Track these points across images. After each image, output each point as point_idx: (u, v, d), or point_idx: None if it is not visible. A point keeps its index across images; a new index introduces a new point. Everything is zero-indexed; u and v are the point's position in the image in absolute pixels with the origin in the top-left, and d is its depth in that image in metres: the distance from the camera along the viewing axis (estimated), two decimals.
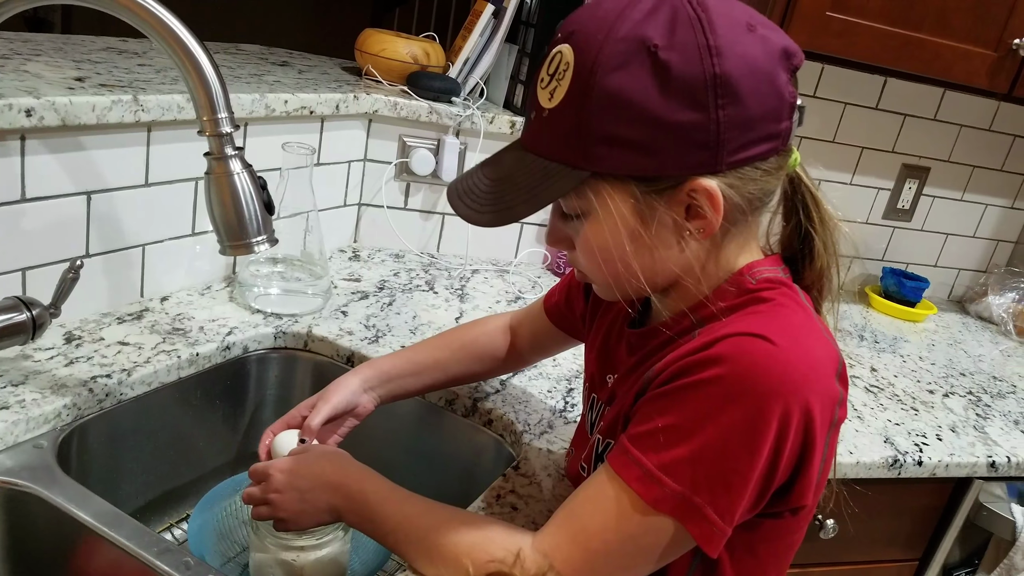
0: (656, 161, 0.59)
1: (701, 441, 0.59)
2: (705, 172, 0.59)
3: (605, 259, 0.65)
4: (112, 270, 1.07)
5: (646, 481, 0.60)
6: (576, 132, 0.60)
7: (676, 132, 0.58)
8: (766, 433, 0.58)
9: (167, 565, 0.73)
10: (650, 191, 0.61)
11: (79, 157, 0.97)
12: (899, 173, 1.83)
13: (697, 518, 0.60)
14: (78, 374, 0.92)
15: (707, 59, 0.57)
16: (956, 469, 1.20)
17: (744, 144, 0.59)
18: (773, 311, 0.64)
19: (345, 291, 1.29)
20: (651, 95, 0.57)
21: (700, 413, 0.59)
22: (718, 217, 0.61)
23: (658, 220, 0.62)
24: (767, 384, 0.58)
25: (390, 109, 1.40)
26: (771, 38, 0.60)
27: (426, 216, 1.52)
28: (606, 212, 0.62)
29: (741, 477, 0.59)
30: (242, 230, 0.78)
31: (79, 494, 0.79)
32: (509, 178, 0.64)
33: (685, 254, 0.64)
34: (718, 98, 0.57)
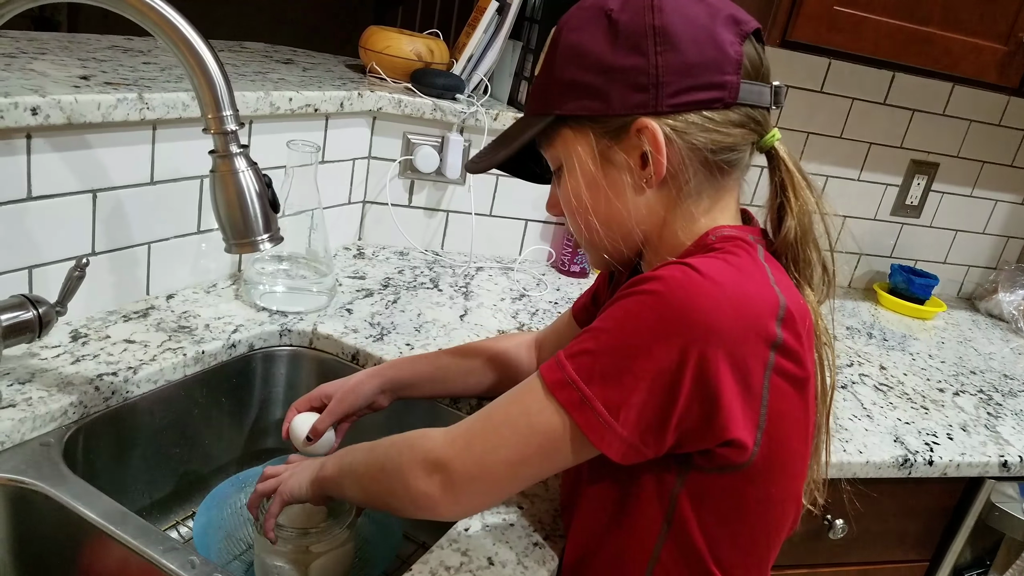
0: (605, 103, 0.68)
1: (606, 338, 0.63)
2: (647, 112, 0.67)
3: (574, 209, 0.73)
4: (118, 268, 1.07)
5: (553, 368, 0.65)
6: (547, 84, 0.71)
7: (621, 75, 0.67)
8: (665, 339, 0.60)
9: (173, 563, 0.73)
10: (604, 132, 0.69)
11: (85, 155, 0.97)
12: (908, 169, 1.82)
13: (584, 408, 0.63)
14: (84, 372, 0.92)
15: (649, 14, 0.66)
16: (967, 469, 1.19)
17: (683, 88, 0.66)
18: (716, 255, 0.66)
19: (350, 289, 1.29)
20: (603, 46, 0.67)
21: (614, 318, 0.64)
22: (661, 158, 0.67)
23: (614, 164, 0.70)
24: (682, 302, 0.61)
25: (394, 106, 1.40)
26: (718, 5, 0.68)
27: (430, 213, 1.52)
28: (569, 159, 0.72)
29: (633, 376, 0.61)
30: (247, 228, 0.78)
31: (85, 492, 0.79)
32: (503, 134, 0.77)
33: (642, 203, 0.70)
34: (657, 45, 0.65)
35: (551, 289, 1.48)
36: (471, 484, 0.68)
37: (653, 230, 0.72)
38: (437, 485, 0.68)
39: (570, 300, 1.45)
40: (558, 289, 1.49)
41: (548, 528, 0.83)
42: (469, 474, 0.68)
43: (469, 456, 0.68)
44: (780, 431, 0.65)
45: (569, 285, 1.52)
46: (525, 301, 1.39)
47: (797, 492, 0.73)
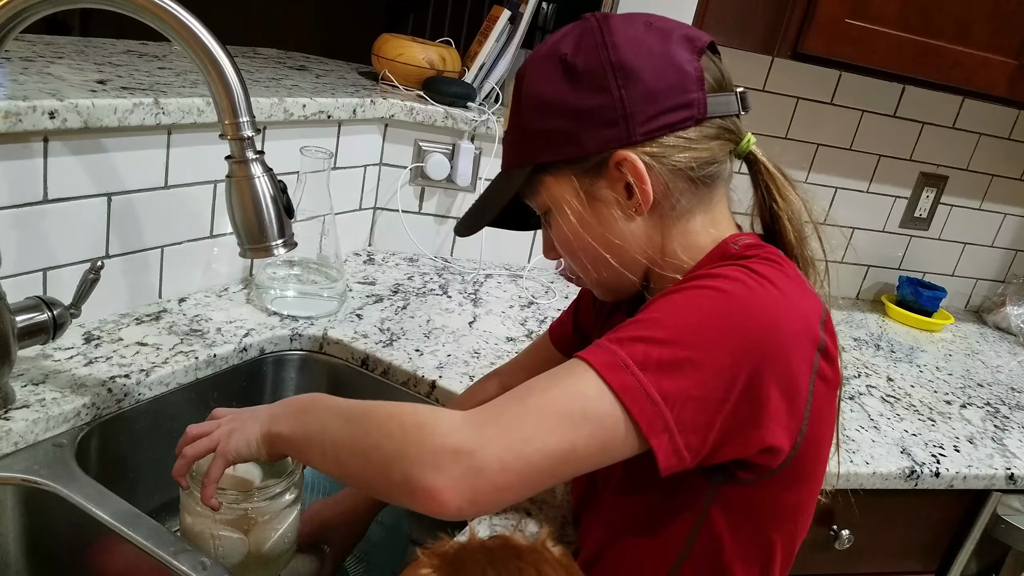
0: (578, 144, 0.68)
1: (662, 328, 0.61)
2: (622, 144, 0.67)
3: (572, 249, 0.73)
4: (131, 271, 1.08)
5: (597, 351, 0.61)
6: (518, 138, 0.73)
7: (589, 115, 0.67)
8: (730, 335, 0.60)
9: (184, 565, 0.73)
10: (584, 172, 0.70)
11: (100, 159, 0.98)
12: (917, 181, 1.82)
13: (639, 395, 0.58)
14: (97, 374, 0.93)
15: (604, 52, 0.67)
16: (974, 481, 1.19)
17: (652, 115, 0.67)
18: (762, 261, 0.66)
19: (360, 294, 1.30)
20: (564, 90, 0.68)
21: (670, 310, 0.62)
22: (645, 187, 0.68)
23: (601, 200, 0.70)
24: (745, 300, 0.61)
25: (406, 114, 1.41)
26: (668, 28, 0.69)
27: (440, 220, 1.53)
28: (557, 203, 0.72)
29: (693, 368, 0.59)
30: (262, 233, 0.78)
31: (97, 493, 0.80)
32: (484, 196, 0.78)
33: (635, 231, 0.70)
34: (617, 79, 0.66)
35: (559, 297, 1.48)
36: (500, 477, 0.58)
37: (655, 254, 0.72)
38: (454, 478, 0.57)
39: None
40: (566, 297, 1.49)
41: (557, 536, 0.83)
42: (501, 465, 0.58)
43: (504, 444, 0.59)
44: (815, 435, 0.66)
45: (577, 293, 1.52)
46: (534, 309, 1.40)
47: (815, 497, 0.73)
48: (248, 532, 0.79)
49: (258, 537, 0.80)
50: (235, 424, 0.75)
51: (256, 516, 0.79)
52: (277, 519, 0.81)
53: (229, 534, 0.79)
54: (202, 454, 0.75)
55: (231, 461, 0.74)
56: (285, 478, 0.80)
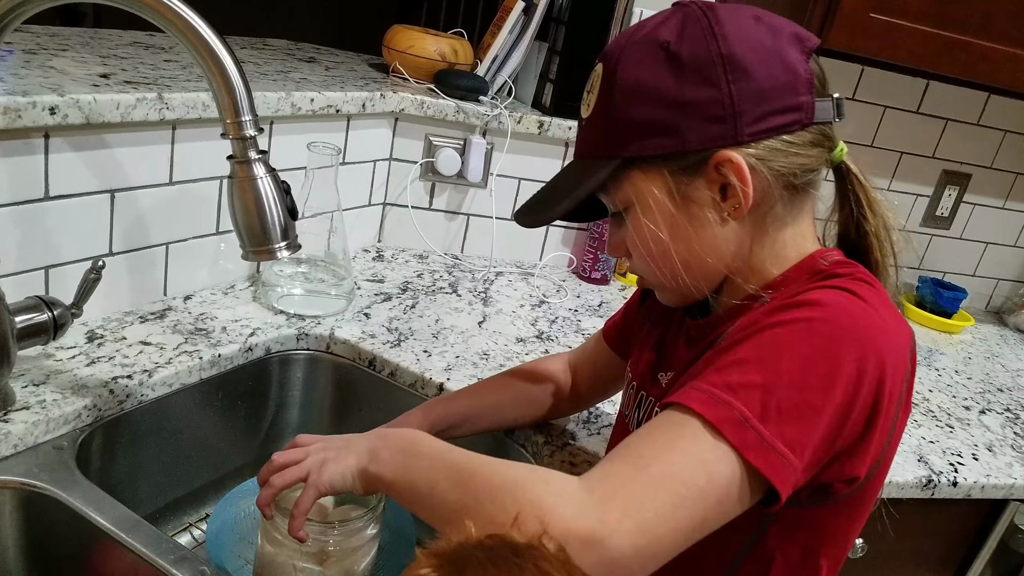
0: (679, 139, 0.63)
1: (774, 370, 0.57)
2: (727, 144, 0.63)
3: (651, 251, 0.68)
4: (136, 269, 1.06)
5: (709, 402, 0.56)
6: (607, 125, 0.66)
7: (693, 109, 0.63)
8: (844, 370, 0.57)
9: (183, 573, 0.72)
10: (679, 170, 0.65)
11: (103, 155, 0.96)
12: (939, 179, 1.78)
13: (765, 450, 0.55)
14: (99, 374, 0.92)
15: (713, 43, 0.62)
16: (992, 491, 1.16)
17: (761, 115, 0.63)
18: (857, 281, 0.63)
19: (368, 292, 1.28)
20: (666, 80, 0.63)
21: (776, 346, 0.58)
22: (748, 190, 0.63)
23: (693, 201, 0.65)
24: (852, 328, 0.58)
25: (416, 108, 1.38)
26: (778, 25, 0.65)
27: (451, 217, 1.50)
28: (643, 200, 0.67)
29: (814, 410, 0.56)
30: (265, 235, 0.76)
31: (97, 498, 0.78)
32: (553, 185, 0.73)
33: (726, 236, 0.66)
34: (728, 74, 0.62)
35: (571, 296, 1.46)
36: (634, 562, 0.53)
37: (740, 263, 0.68)
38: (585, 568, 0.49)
39: (590, 308, 1.43)
40: (578, 296, 1.47)
41: None
42: (634, 551, 0.53)
43: (634, 526, 0.53)
44: (886, 463, 0.65)
45: (590, 292, 1.50)
46: (545, 308, 1.37)
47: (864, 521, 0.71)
48: (326, 564, 0.76)
49: (335, 571, 0.77)
50: (328, 454, 0.70)
51: (337, 548, 0.76)
52: (358, 552, 0.78)
53: (311, 566, 0.75)
54: (291, 484, 0.71)
55: (323, 493, 0.69)
56: (369, 512, 0.77)
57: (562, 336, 1.27)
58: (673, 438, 0.56)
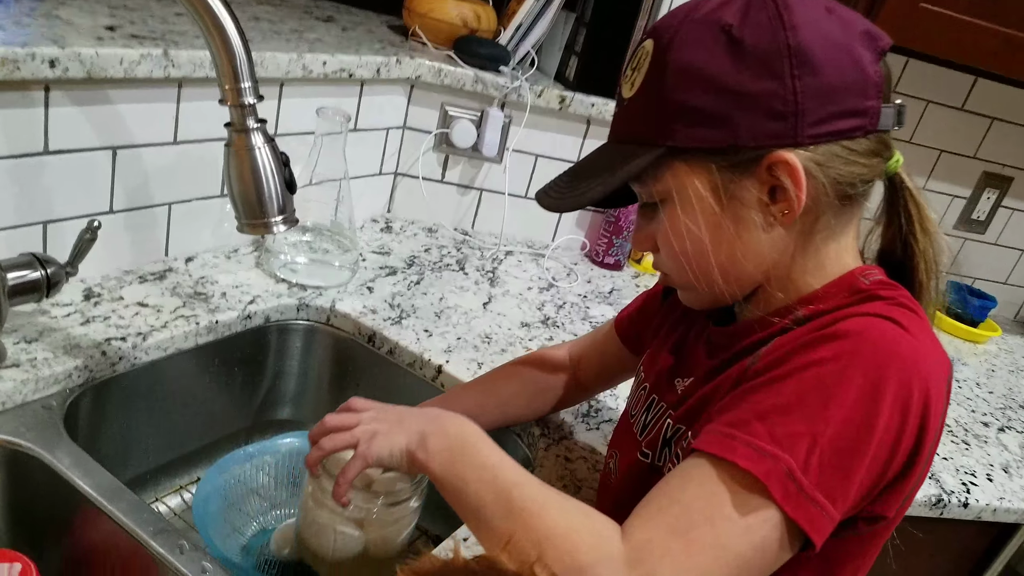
0: (731, 132, 0.58)
1: (820, 417, 0.54)
2: (784, 144, 0.58)
3: (685, 250, 0.63)
4: (136, 227, 1.04)
5: (756, 458, 0.53)
6: (653, 110, 0.61)
7: (752, 101, 0.57)
8: (888, 414, 0.54)
9: (161, 546, 0.71)
10: (728, 166, 0.60)
11: (106, 111, 0.94)
12: (978, 181, 1.72)
13: (805, 503, 0.53)
14: (93, 335, 0.90)
15: (780, 32, 0.57)
16: (1004, 515, 1.12)
17: (825, 117, 0.58)
18: (899, 308, 0.60)
19: (373, 265, 1.25)
20: (725, 66, 0.58)
21: (822, 390, 0.55)
22: (801, 195, 0.59)
23: (739, 201, 0.61)
24: (898, 367, 0.55)
25: (434, 75, 1.34)
26: (850, 19, 0.60)
27: (463, 191, 1.47)
28: (683, 194, 0.62)
29: (858, 459, 0.54)
30: (261, 208, 0.74)
31: (82, 461, 0.77)
32: (589, 166, 0.67)
33: (770, 242, 0.62)
34: (793, 68, 0.57)
35: (582, 281, 1.43)
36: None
37: (779, 271, 0.63)
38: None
39: (600, 295, 1.39)
40: (589, 281, 1.43)
41: None
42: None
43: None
44: (911, 496, 0.62)
45: (601, 278, 1.47)
46: (553, 292, 1.35)
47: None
48: (366, 529, 0.76)
49: (375, 538, 0.77)
50: (379, 427, 0.70)
51: (379, 517, 0.76)
52: (399, 523, 0.78)
53: (350, 531, 0.76)
54: (339, 450, 0.71)
55: (370, 465, 0.69)
56: (414, 486, 0.77)
57: (568, 323, 1.25)
58: (718, 499, 0.54)
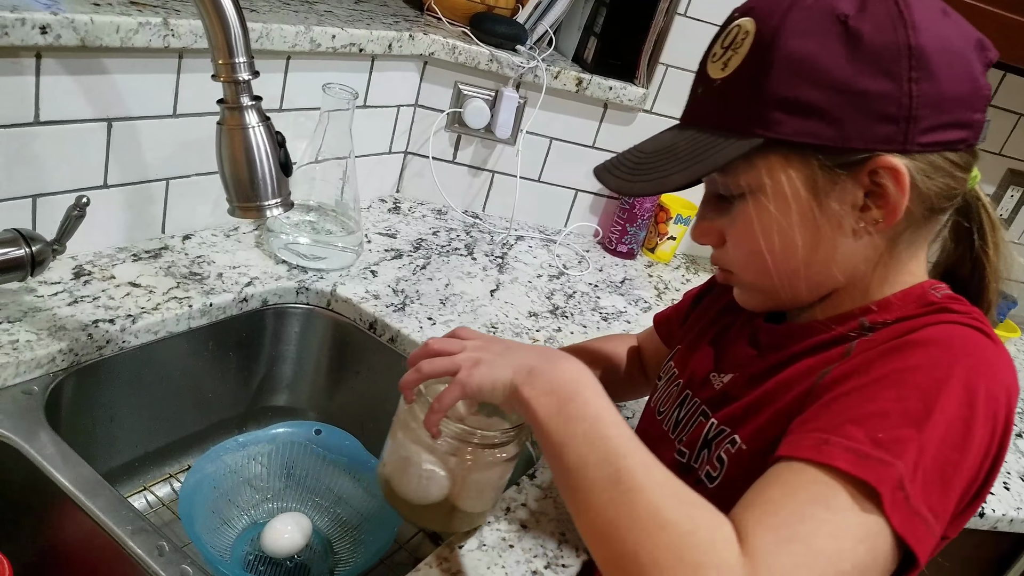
0: (840, 131, 0.55)
1: (925, 424, 0.51)
2: (893, 149, 0.55)
3: (772, 248, 0.60)
4: (132, 203, 1.00)
5: (858, 462, 0.50)
6: (752, 96, 0.57)
7: (864, 100, 0.54)
8: (982, 423, 0.53)
9: (140, 547, 0.67)
10: (831, 165, 0.57)
11: (101, 81, 0.89)
12: (1003, 178, 1.65)
13: (910, 515, 0.49)
14: (80, 316, 0.86)
15: (901, 30, 0.54)
16: (1020, 525, 1.08)
17: (936, 125, 0.55)
18: (974, 320, 0.58)
19: (379, 247, 1.21)
20: (839, 60, 0.54)
21: (923, 396, 0.52)
22: (903, 203, 0.56)
23: (833, 202, 0.58)
24: (986, 370, 0.54)
25: (447, 53, 1.29)
26: (964, 26, 0.58)
27: (475, 172, 1.42)
28: (777, 188, 0.58)
29: (956, 471, 0.52)
30: (253, 190, 0.70)
31: (60, 452, 0.74)
32: (669, 149, 0.61)
33: (857, 249, 0.59)
34: (911, 70, 0.54)
35: (593, 269, 1.38)
36: None
37: (856, 278, 0.61)
38: None
39: (612, 284, 1.35)
40: (600, 270, 1.38)
41: (551, 554, 0.75)
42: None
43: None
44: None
45: (613, 266, 1.42)
46: (563, 280, 1.30)
47: None
48: (456, 475, 0.68)
49: (462, 485, 0.69)
50: (483, 355, 0.63)
51: (472, 458, 0.68)
52: (492, 471, 0.70)
53: (439, 470, 0.68)
54: (439, 374, 0.65)
55: (469, 395, 0.63)
56: (515, 430, 0.68)
57: (578, 314, 1.20)
58: (830, 507, 0.50)
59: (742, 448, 0.63)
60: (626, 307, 1.28)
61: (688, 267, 1.53)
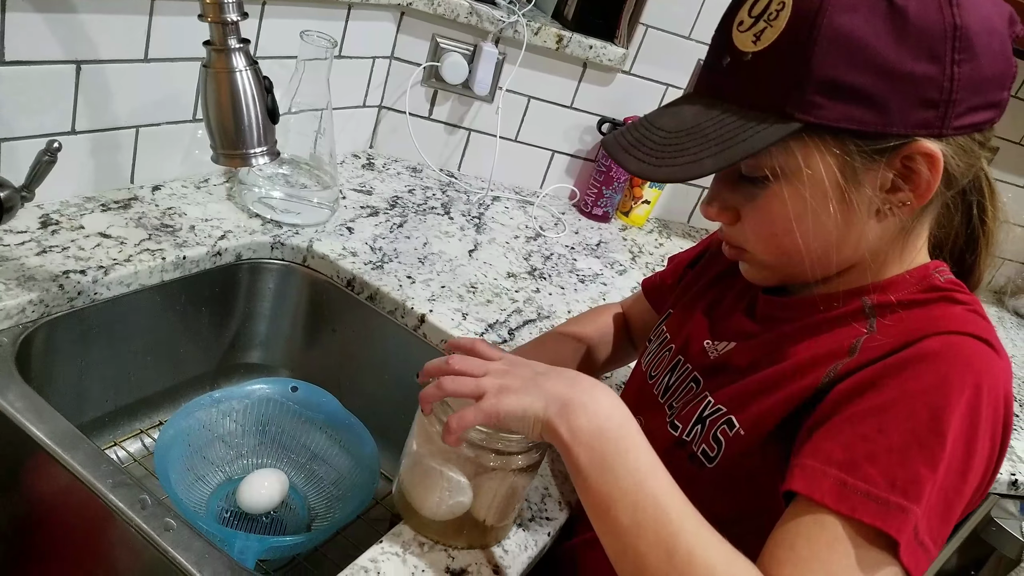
0: (882, 116, 0.53)
1: (939, 459, 0.51)
2: (929, 134, 0.54)
3: (792, 230, 0.58)
4: (100, 151, 0.96)
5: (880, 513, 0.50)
6: (791, 77, 0.53)
7: (906, 84, 0.52)
8: (983, 457, 0.54)
9: (121, 501, 0.66)
10: (867, 151, 0.54)
11: (70, 20, 0.85)
12: None
13: (915, 546, 0.51)
14: (49, 266, 0.83)
15: (947, 8, 0.52)
16: None
17: (971, 107, 0.54)
18: (978, 318, 0.58)
19: (354, 204, 1.19)
20: (884, 40, 0.52)
21: (931, 424, 0.52)
22: (934, 187, 0.55)
23: (864, 186, 0.56)
24: (991, 391, 0.53)
25: (426, 3, 1.26)
26: (1001, 1, 0.56)
27: (451, 130, 1.40)
28: (813, 173, 0.55)
29: (959, 499, 0.53)
30: (239, 137, 0.68)
31: (35, 405, 0.71)
32: (696, 129, 0.57)
33: (877, 230, 0.58)
34: (955, 52, 0.52)
35: (569, 231, 1.37)
36: None
37: (870, 258, 0.60)
38: None
39: (588, 247, 1.35)
40: (576, 232, 1.38)
41: (535, 508, 0.76)
42: None
43: None
44: None
45: (589, 229, 1.42)
46: (540, 242, 1.29)
47: None
48: (477, 482, 0.65)
49: (487, 497, 0.67)
50: (511, 381, 0.59)
51: (497, 465, 0.64)
52: (519, 478, 0.67)
53: (460, 478, 0.65)
54: (461, 395, 0.60)
55: (493, 423, 0.59)
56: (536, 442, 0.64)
57: (555, 275, 1.20)
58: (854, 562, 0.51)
59: (740, 433, 0.62)
60: (602, 269, 1.28)
61: (661, 231, 1.54)
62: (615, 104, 1.43)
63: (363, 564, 0.65)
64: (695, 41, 1.41)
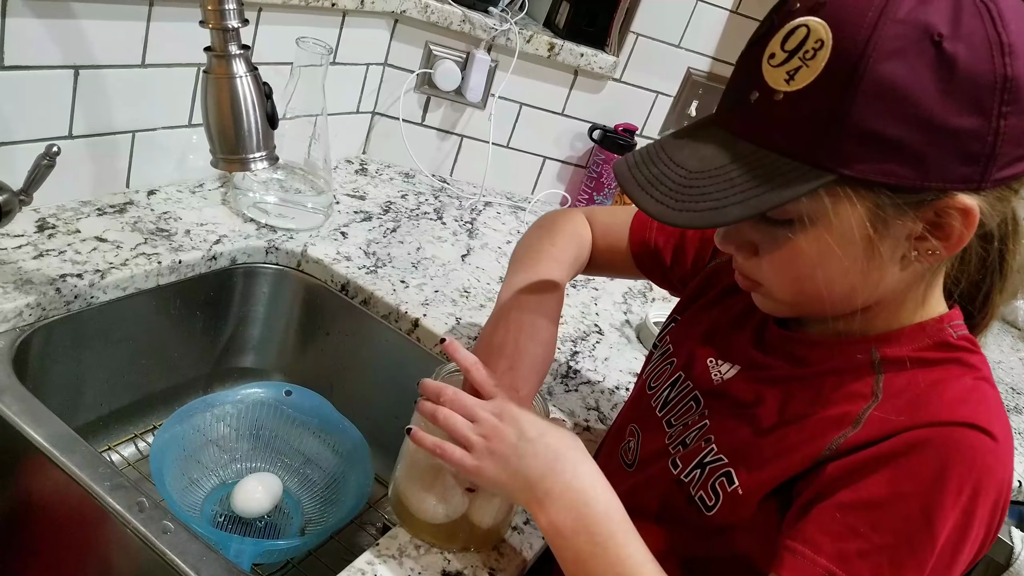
0: (919, 170, 0.50)
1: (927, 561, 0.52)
2: (969, 189, 0.50)
3: (822, 279, 0.55)
4: (97, 156, 0.97)
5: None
6: (827, 125, 0.49)
7: (949, 138, 0.49)
8: (971, 542, 0.54)
9: (119, 503, 0.66)
10: (900, 203, 0.51)
11: (69, 26, 0.86)
12: None
13: None
14: (46, 270, 0.84)
15: (999, 57, 0.48)
16: None
17: (1013, 159, 0.50)
18: (984, 391, 0.57)
19: (347, 208, 1.20)
20: (929, 91, 0.48)
21: (923, 524, 0.52)
22: (967, 240, 0.53)
23: (891, 236, 0.53)
24: (989, 494, 0.53)
25: (420, 11, 1.27)
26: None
27: (443, 136, 1.41)
28: (840, 221, 0.52)
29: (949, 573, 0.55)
30: (239, 142, 0.68)
31: (32, 408, 0.72)
32: (720, 172, 0.53)
33: (898, 277, 0.56)
34: (1003, 104, 0.48)
35: None
36: None
37: (888, 302, 0.59)
38: None
39: None
40: None
41: None
42: None
43: None
44: None
45: None
46: None
47: None
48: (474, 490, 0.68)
49: (477, 500, 0.68)
50: (502, 448, 0.61)
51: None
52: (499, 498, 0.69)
53: (455, 487, 0.68)
54: (450, 434, 0.63)
55: (474, 481, 0.64)
56: None
57: None
58: None
59: (738, 492, 0.62)
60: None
61: None
62: (606, 111, 1.44)
63: (360, 567, 0.66)
64: (685, 49, 1.43)
